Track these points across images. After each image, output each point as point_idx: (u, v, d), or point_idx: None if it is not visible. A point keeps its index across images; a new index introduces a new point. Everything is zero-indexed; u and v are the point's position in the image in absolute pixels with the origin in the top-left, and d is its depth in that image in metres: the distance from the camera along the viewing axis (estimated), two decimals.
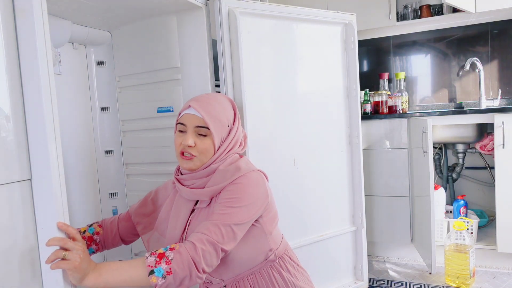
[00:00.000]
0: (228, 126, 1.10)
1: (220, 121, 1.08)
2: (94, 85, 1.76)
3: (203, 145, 1.06)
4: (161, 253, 0.89)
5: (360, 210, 1.90)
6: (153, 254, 0.89)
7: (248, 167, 1.08)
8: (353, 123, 1.88)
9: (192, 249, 0.89)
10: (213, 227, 0.94)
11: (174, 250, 0.89)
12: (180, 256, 0.88)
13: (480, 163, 2.55)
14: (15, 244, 0.87)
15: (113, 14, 1.56)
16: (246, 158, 1.16)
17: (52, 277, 0.90)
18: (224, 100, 1.14)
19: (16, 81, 0.89)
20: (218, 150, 1.08)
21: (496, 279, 2.03)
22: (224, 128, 1.09)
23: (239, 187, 1.01)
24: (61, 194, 0.91)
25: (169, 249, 0.90)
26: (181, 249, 0.89)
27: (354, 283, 1.92)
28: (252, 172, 1.06)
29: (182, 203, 1.12)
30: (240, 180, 1.02)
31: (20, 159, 0.89)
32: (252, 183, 1.03)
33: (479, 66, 2.52)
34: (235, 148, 1.14)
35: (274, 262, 1.11)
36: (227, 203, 0.98)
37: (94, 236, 1.15)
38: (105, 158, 1.79)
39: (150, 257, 0.88)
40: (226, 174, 1.05)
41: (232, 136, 1.11)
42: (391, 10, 2.50)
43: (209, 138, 1.06)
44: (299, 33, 1.71)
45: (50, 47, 0.90)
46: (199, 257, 0.89)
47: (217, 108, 1.09)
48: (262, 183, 1.07)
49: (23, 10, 0.88)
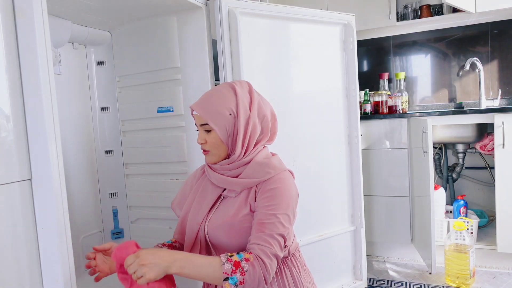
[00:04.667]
0: (231, 114, 1.08)
1: (218, 112, 1.07)
2: (94, 85, 1.76)
3: (210, 139, 1.10)
4: (236, 262, 0.94)
5: (359, 209, 1.90)
6: (229, 260, 0.94)
7: (281, 166, 1.10)
8: (352, 123, 1.88)
9: (264, 267, 0.96)
10: (272, 239, 0.99)
11: (249, 262, 0.95)
12: (254, 270, 0.94)
13: (480, 163, 2.55)
14: (15, 244, 0.87)
15: (113, 14, 1.56)
16: (278, 157, 1.17)
17: (52, 277, 0.90)
18: (224, 90, 1.12)
19: (16, 81, 0.89)
20: (237, 142, 1.08)
21: (496, 279, 2.03)
22: (225, 117, 1.07)
23: (277, 192, 1.03)
24: (61, 194, 0.91)
25: (244, 260, 0.95)
26: (254, 263, 0.95)
27: (353, 283, 1.92)
28: (285, 173, 1.09)
29: (210, 188, 1.15)
30: (276, 184, 1.04)
31: (20, 159, 0.89)
32: (287, 186, 1.06)
33: (479, 66, 2.52)
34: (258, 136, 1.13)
35: (286, 258, 1.13)
36: (272, 210, 1.01)
37: (173, 244, 1.19)
38: (105, 158, 1.79)
39: (226, 264, 0.94)
40: (260, 170, 1.07)
41: (244, 123, 1.08)
42: (391, 10, 2.50)
43: (214, 132, 1.09)
44: (298, 33, 1.71)
45: (50, 47, 0.90)
46: (269, 274, 0.96)
47: (213, 101, 1.10)
48: (294, 184, 1.10)
49: (23, 10, 0.88)
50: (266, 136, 1.16)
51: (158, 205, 1.72)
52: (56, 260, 0.91)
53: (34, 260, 0.91)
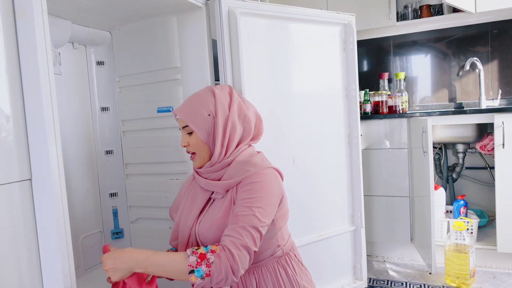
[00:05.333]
0: (210, 115, 1.10)
1: (197, 113, 1.10)
2: (94, 85, 1.76)
3: (192, 141, 1.12)
4: (202, 254, 0.93)
5: (359, 209, 1.90)
6: (194, 253, 0.93)
7: (264, 164, 1.10)
8: (352, 123, 1.88)
9: (231, 257, 0.93)
10: (243, 230, 0.97)
11: (215, 254, 0.93)
12: (220, 261, 0.92)
13: (480, 163, 2.55)
14: (15, 244, 0.87)
15: (113, 14, 1.56)
16: (263, 155, 1.18)
17: (52, 277, 0.90)
18: (202, 93, 1.15)
19: (16, 81, 0.89)
20: (216, 142, 1.10)
21: (496, 279, 2.03)
22: (204, 118, 1.10)
23: (256, 186, 1.03)
24: (61, 194, 0.91)
25: (210, 251, 0.94)
26: (221, 254, 0.93)
27: (353, 283, 1.92)
28: (267, 169, 1.08)
29: (200, 192, 1.17)
30: (256, 178, 1.04)
31: (20, 159, 0.89)
32: (268, 181, 1.05)
33: (479, 66, 2.52)
34: (240, 134, 1.14)
35: (280, 258, 1.13)
36: (248, 203, 1.01)
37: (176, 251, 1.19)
38: (105, 158, 1.79)
39: (191, 256, 0.92)
40: (240, 168, 1.08)
41: (222, 123, 1.10)
42: (391, 10, 2.50)
43: (195, 133, 1.12)
44: (299, 33, 1.71)
45: (50, 47, 0.90)
46: (237, 265, 0.93)
47: (192, 103, 1.13)
48: (277, 181, 1.09)
49: (23, 10, 0.88)
50: (249, 136, 1.17)
51: (158, 205, 1.72)
52: (56, 260, 0.91)
53: (34, 260, 0.91)
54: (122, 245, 1.82)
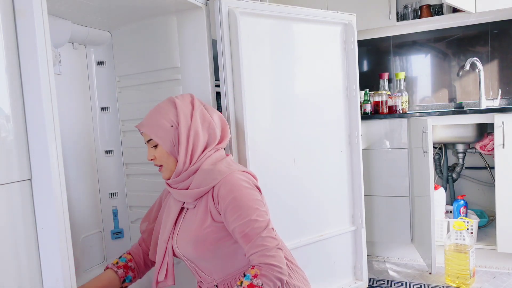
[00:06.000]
0: (172, 126, 1.11)
1: (159, 125, 1.11)
2: (94, 85, 1.75)
3: (158, 154, 1.13)
4: (249, 285, 0.95)
5: (359, 210, 1.90)
6: None
7: (229, 169, 1.08)
8: (353, 123, 1.88)
9: (272, 269, 0.97)
10: (261, 240, 0.99)
11: (259, 275, 0.96)
12: (267, 278, 0.96)
13: (480, 163, 2.55)
14: (15, 244, 0.87)
15: (113, 14, 1.56)
16: (230, 159, 1.17)
17: (52, 277, 0.90)
18: (163, 104, 1.16)
19: (16, 81, 0.89)
20: (180, 151, 1.10)
21: (496, 279, 2.03)
22: (166, 129, 1.11)
23: (236, 202, 1.02)
24: (61, 194, 0.91)
25: (253, 277, 0.96)
26: (263, 273, 0.96)
27: (353, 283, 1.92)
28: (231, 175, 1.06)
29: (173, 203, 1.17)
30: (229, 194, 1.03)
31: (20, 159, 0.89)
32: (241, 189, 1.04)
33: (479, 66, 2.52)
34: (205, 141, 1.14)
35: None
36: (243, 219, 1.01)
37: (128, 263, 1.21)
38: (105, 158, 1.78)
39: None
40: (206, 177, 1.08)
41: (185, 132, 1.11)
42: (391, 10, 2.50)
43: (160, 146, 1.12)
44: (299, 33, 1.71)
45: (50, 47, 0.90)
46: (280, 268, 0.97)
47: (153, 116, 1.14)
48: (246, 180, 1.07)
49: (23, 10, 0.88)
50: (214, 141, 1.16)
51: None
52: (56, 260, 0.91)
53: (34, 260, 0.91)
54: (122, 245, 1.82)
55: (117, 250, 1.81)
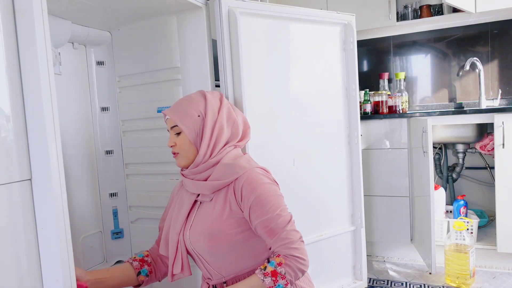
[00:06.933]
0: (199, 116, 1.12)
1: (187, 114, 1.12)
2: (94, 85, 1.76)
3: (179, 141, 1.14)
4: (273, 271, 0.98)
5: (359, 209, 1.90)
6: (266, 275, 0.98)
7: (250, 165, 1.10)
8: (352, 123, 1.88)
9: (297, 260, 1.00)
10: (285, 233, 1.03)
11: (283, 264, 0.99)
12: (291, 268, 0.99)
13: (480, 163, 2.55)
14: (15, 244, 0.87)
15: (113, 14, 1.56)
16: (249, 156, 1.19)
17: (52, 277, 0.90)
18: (194, 95, 1.18)
19: (16, 81, 0.89)
20: (202, 142, 1.11)
21: (496, 279, 2.03)
22: (193, 118, 1.12)
23: (259, 199, 1.04)
24: (61, 194, 0.91)
25: (278, 265, 0.99)
26: (288, 262, 1.00)
27: (353, 283, 1.92)
28: (252, 170, 1.08)
29: (185, 196, 1.17)
30: (253, 192, 1.04)
31: (20, 159, 0.89)
32: (262, 185, 1.06)
33: (479, 66, 2.52)
34: (227, 137, 1.15)
35: None
36: (267, 215, 1.03)
37: (144, 258, 1.22)
38: (105, 158, 1.79)
39: (266, 279, 0.98)
40: (227, 171, 1.08)
41: (211, 124, 1.12)
42: (391, 10, 2.50)
43: (183, 133, 1.13)
44: (298, 33, 1.71)
45: (50, 47, 0.90)
46: (304, 260, 1.01)
47: (183, 104, 1.15)
48: (266, 176, 1.10)
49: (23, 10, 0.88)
50: (236, 139, 1.18)
51: (158, 205, 1.72)
52: (56, 260, 0.91)
53: (34, 260, 0.91)
54: (122, 245, 1.83)
55: (117, 250, 1.81)
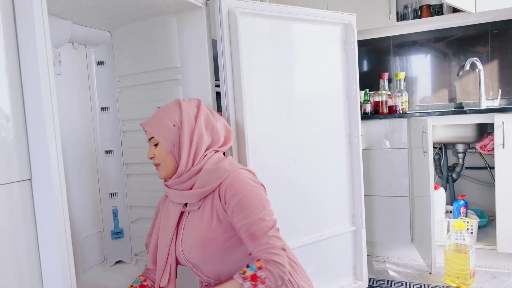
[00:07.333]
0: (175, 125, 1.12)
1: (162, 124, 1.13)
2: (94, 85, 1.76)
3: (157, 152, 1.14)
4: (252, 275, 0.95)
5: (359, 210, 1.90)
6: (245, 278, 0.95)
7: (232, 167, 1.09)
8: (353, 123, 1.88)
9: (278, 266, 0.97)
10: (267, 238, 1.00)
11: (263, 269, 0.96)
12: (271, 273, 0.96)
13: (480, 163, 2.55)
14: (15, 244, 0.87)
15: (113, 14, 1.56)
16: (231, 159, 1.18)
17: (52, 277, 0.90)
18: (169, 104, 1.18)
19: (16, 81, 0.89)
20: (182, 151, 1.10)
21: (496, 279, 2.03)
22: (168, 129, 1.12)
23: (243, 200, 1.02)
24: (61, 194, 0.91)
25: (258, 269, 0.96)
26: (268, 267, 0.96)
27: (353, 283, 1.92)
28: (236, 172, 1.07)
29: (172, 206, 1.16)
30: (237, 193, 1.02)
31: (20, 159, 0.89)
32: (247, 186, 1.04)
33: (479, 66, 2.52)
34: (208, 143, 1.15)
35: None
36: (250, 218, 1.01)
37: (143, 283, 1.18)
38: (105, 158, 1.78)
39: (245, 283, 0.95)
40: (210, 177, 1.07)
41: (188, 132, 1.12)
42: (391, 10, 2.49)
43: (160, 144, 1.13)
44: (299, 33, 1.71)
45: (50, 47, 0.90)
46: (284, 267, 0.98)
47: (158, 115, 1.15)
48: (251, 178, 1.08)
49: (23, 10, 0.88)
50: (217, 144, 1.17)
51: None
52: (56, 260, 0.91)
53: (34, 260, 0.91)
54: (122, 245, 1.83)
55: (117, 250, 1.81)
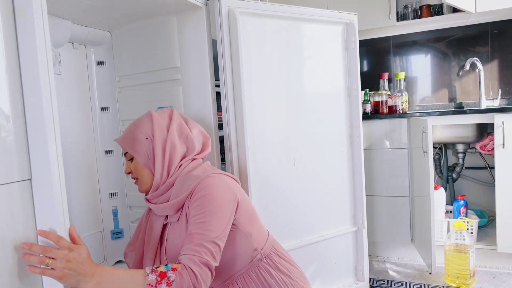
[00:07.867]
0: (147, 138, 1.11)
1: (134, 138, 1.12)
2: (94, 85, 1.75)
3: (134, 167, 1.14)
4: (162, 272, 0.89)
5: (361, 210, 1.89)
6: (154, 271, 0.89)
7: (205, 173, 1.06)
8: (354, 123, 1.88)
9: (193, 276, 0.90)
10: (201, 247, 0.94)
11: (176, 271, 0.90)
12: (181, 279, 0.89)
13: (480, 163, 2.55)
14: (15, 244, 0.87)
15: (113, 14, 1.56)
16: (206, 164, 1.17)
17: None
18: (141, 117, 1.17)
19: (16, 81, 0.89)
20: (156, 163, 1.09)
21: (496, 279, 2.03)
22: (141, 142, 1.11)
23: (204, 200, 1.00)
24: (61, 194, 0.91)
25: (171, 269, 0.90)
26: (182, 272, 0.90)
27: (354, 284, 1.92)
28: (210, 177, 1.04)
29: (155, 219, 1.16)
30: (203, 192, 1.01)
31: (20, 159, 0.89)
32: (215, 191, 1.01)
33: (479, 66, 2.52)
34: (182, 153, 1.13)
35: (261, 261, 1.10)
36: (200, 219, 0.98)
37: None
38: (105, 158, 1.78)
39: (151, 275, 0.88)
40: (183, 186, 1.06)
41: (161, 144, 1.10)
42: (391, 10, 2.49)
43: (135, 158, 1.13)
44: (299, 33, 1.71)
45: (50, 47, 0.90)
46: (199, 284, 0.91)
47: (130, 129, 1.15)
48: (225, 186, 1.05)
49: (23, 10, 0.88)
50: (193, 153, 1.15)
51: None
52: None
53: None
54: (122, 245, 1.82)
55: (117, 250, 1.81)
